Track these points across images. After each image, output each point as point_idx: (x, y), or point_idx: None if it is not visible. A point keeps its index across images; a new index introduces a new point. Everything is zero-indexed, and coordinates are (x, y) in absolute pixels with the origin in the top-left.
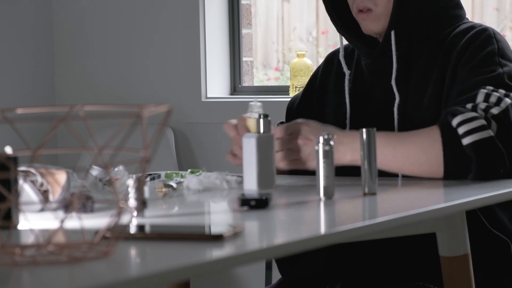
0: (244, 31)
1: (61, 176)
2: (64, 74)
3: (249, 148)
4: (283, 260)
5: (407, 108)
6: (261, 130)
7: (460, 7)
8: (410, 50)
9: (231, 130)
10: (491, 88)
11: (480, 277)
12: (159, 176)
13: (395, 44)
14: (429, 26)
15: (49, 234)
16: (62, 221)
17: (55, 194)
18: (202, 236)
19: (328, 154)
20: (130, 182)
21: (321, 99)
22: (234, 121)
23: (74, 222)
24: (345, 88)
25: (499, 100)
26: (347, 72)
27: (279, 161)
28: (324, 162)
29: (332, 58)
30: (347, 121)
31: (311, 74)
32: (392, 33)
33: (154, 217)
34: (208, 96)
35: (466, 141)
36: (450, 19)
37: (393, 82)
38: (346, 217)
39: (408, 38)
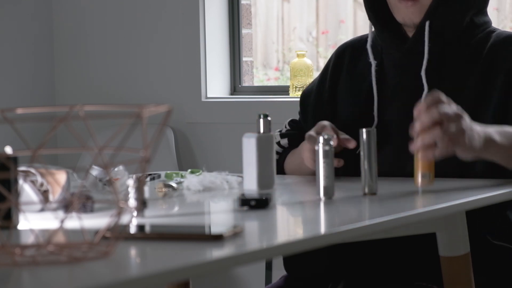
0: (244, 31)
1: (61, 176)
2: (64, 74)
3: (249, 148)
4: (289, 257)
5: None
6: (261, 130)
7: (487, 14)
8: (442, 44)
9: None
10: None
11: (481, 280)
12: (159, 176)
13: (428, 35)
14: (461, 25)
15: (49, 234)
16: (62, 221)
17: (55, 194)
18: (202, 236)
19: (328, 154)
20: (130, 182)
21: (332, 92)
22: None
23: (74, 222)
24: (372, 79)
25: None
26: (373, 62)
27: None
28: (324, 162)
29: (343, 51)
30: (375, 113)
31: (312, 73)
32: (427, 24)
33: (154, 217)
34: (208, 96)
35: None
36: (480, 24)
37: (422, 73)
38: (346, 217)
39: (441, 33)
